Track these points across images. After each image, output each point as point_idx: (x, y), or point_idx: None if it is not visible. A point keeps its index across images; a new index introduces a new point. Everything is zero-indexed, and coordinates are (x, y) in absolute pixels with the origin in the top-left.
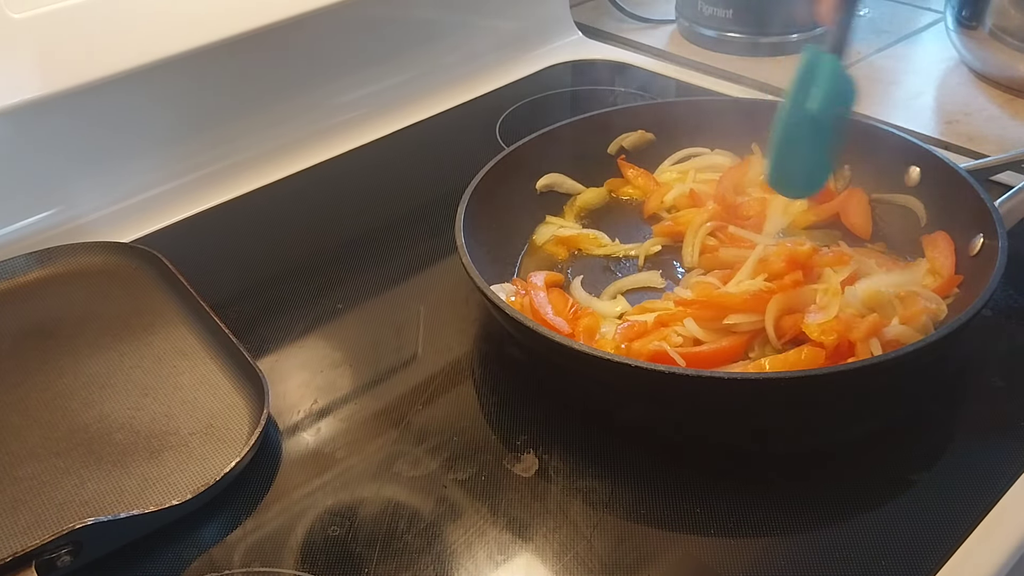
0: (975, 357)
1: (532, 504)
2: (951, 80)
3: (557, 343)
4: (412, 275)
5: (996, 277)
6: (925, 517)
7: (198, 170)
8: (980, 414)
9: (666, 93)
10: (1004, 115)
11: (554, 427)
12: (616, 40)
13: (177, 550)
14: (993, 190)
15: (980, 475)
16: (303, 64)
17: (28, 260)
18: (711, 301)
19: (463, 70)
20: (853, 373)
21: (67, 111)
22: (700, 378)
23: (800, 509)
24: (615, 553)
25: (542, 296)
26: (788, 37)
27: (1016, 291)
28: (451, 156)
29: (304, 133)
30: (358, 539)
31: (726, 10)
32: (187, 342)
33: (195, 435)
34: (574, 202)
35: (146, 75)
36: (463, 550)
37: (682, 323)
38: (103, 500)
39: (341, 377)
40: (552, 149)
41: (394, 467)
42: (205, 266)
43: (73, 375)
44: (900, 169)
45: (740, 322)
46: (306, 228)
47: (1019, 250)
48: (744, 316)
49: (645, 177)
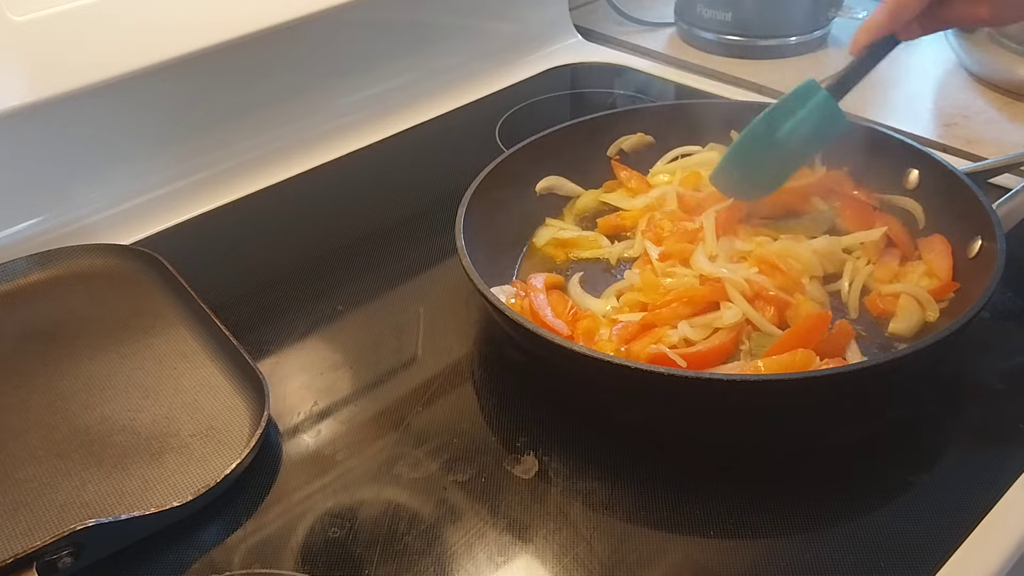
0: (974, 359)
1: (532, 506)
2: (950, 83)
3: (557, 345)
4: (412, 277)
5: (995, 280)
6: (924, 519)
7: (198, 172)
8: (979, 416)
9: (665, 96)
10: (1003, 118)
11: (554, 429)
12: (615, 43)
13: (178, 551)
14: (992, 193)
15: (979, 477)
16: (303, 67)
17: (29, 262)
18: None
19: (463, 73)
20: (853, 375)
21: (68, 114)
22: (700, 380)
23: (799, 510)
24: (615, 555)
25: (542, 298)
26: (787, 40)
27: (1015, 293)
28: (451, 159)
29: (304, 136)
30: (358, 541)
31: (725, 13)
32: (187, 344)
33: (196, 437)
34: (573, 204)
35: (147, 78)
36: (463, 552)
37: (674, 325)
38: (104, 502)
39: (341, 379)
40: (551, 152)
41: (394, 469)
42: (205, 268)
43: (73, 377)
44: (899, 172)
45: (728, 321)
46: (306, 230)
47: (1017, 253)
48: (730, 312)
49: (638, 179)
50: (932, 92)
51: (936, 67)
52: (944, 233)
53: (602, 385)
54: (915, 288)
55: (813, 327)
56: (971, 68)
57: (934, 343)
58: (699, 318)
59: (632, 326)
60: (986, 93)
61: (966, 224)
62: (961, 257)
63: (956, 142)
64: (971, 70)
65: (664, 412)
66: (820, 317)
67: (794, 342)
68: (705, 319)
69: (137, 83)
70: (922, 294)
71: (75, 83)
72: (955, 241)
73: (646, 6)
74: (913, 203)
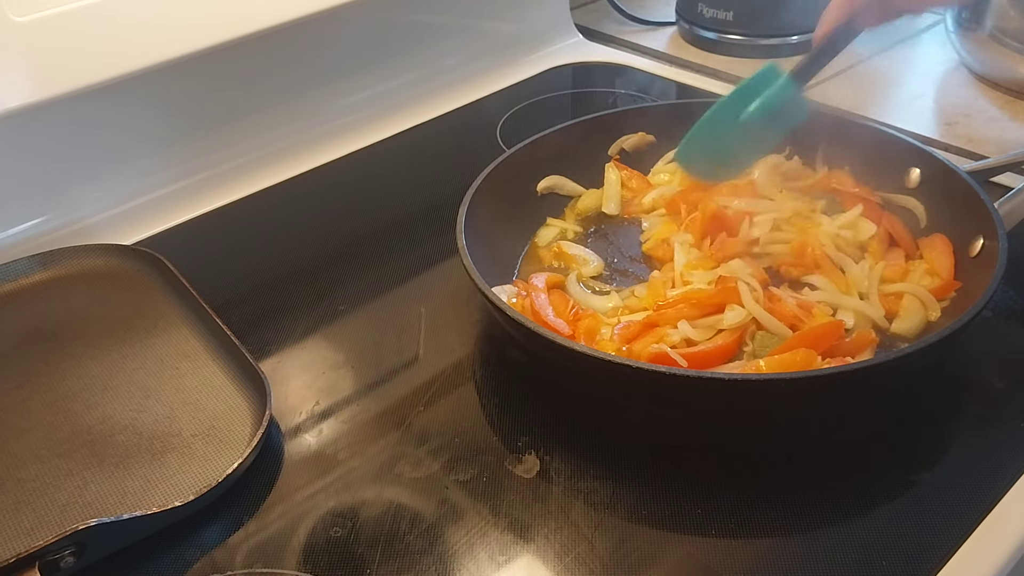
0: (975, 358)
1: (533, 505)
2: (951, 82)
3: (558, 345)
4: (414, 277)
5: (996, 278)
6: (926, 518)
7: (200, 172)
8: (980, 415)
9: (666, 95)
10: (1004, 117)
11: (555, 428)
12: (616, 42)
13: (180, 551)
14: (993, 191)
15: (980, 476)
16: (305, 67)
17: (31, 262)
18: (696, 301)
19: (464, 73)
20: (853, 374)
21: (69, 114)
22: (701, 379)
23: (801, 510)
24: (616, 554)
25: (543, 298)
26: (788, 39)
27: (1016, 292)
28: (452, 158)
29: (306, 136)
30: (360, 540)
31: (726, 12)
32: (189, 344)
33: (197, 436)
34: (575, 204)
35: (148, 78)
36: (465, 551)
37: (675, 325)
38: (106, 501)
39: (343, 379)
40: (553, 151)
41: (396, 468)
42: (207, 268)
43: (75, 377)
44: (900, 170)
45: (730, 323)
46: (308, 230)
47: (1019, 252)
48: (732, 314)
49: (638, 178)
50: (933, 91)
51: (937, 66)
52: (945, 232)
53: (603, 385)
54: (916, 288)
55: (825, 333)
56: (972, 67)
57: (935, 342)
58: (702, 320)
59: (634, 326)
60: (987, 92)
61: (967, 223)
62: (962, 256)
63: (957, 141)
64: (972, 69)
65: (665, 412)
66: (833, 324)
67: (802, 345)
68: (708, 321)
69: (138, 83)
70: (923, 293)
71: (76, 83)
72: (956, 240)
73: (647, 5)
74: (914, 202)
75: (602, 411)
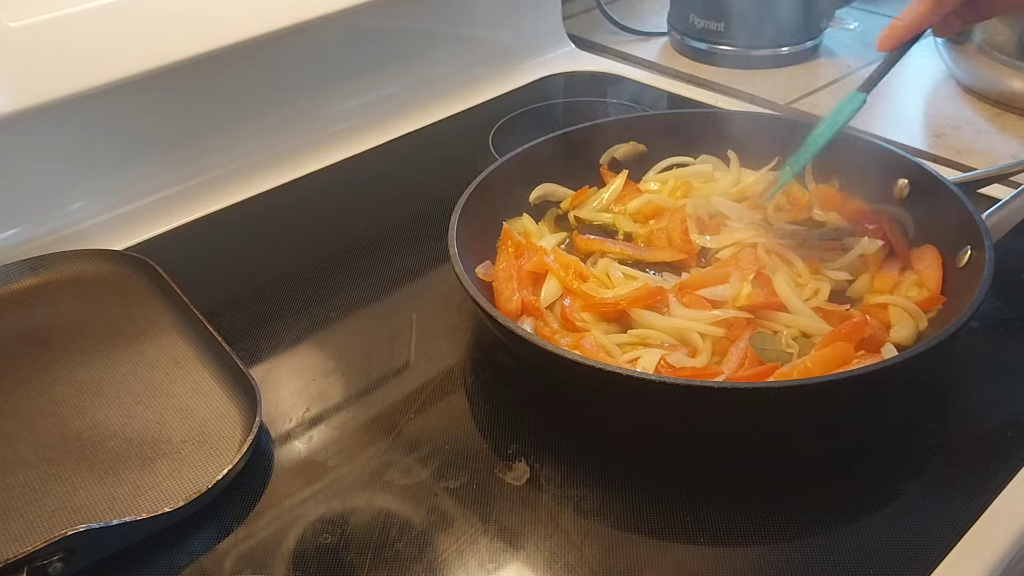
0: (962, 368)
1: (523, 512)
2: (940, 94)
3: (549, 352)
4: (405, 284)
5: (983, 289)
6: (913, 527)
7: (192, 178)
8: (967, 425)
9: (658, 105)
10: (992, 128)
11: (545, 436)
12: (608, 52)
13: (169, 557)
14: (981, 203)
15: (967, 485)
16: (296, 74)
17: (21, 267)
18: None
19: (456, 81)
20: (840, 383)
21: (62, 119)
22: (692, 387)
23: (789, 518)
24: (605, 561)
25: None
26: (779, 51)
27: (1003, 303)
28: (444, 166)
29: (298, 142)
30: (350, 547)
31: (718, 23)
32: (180, 350)
33: (187, 443)
34: (562, 205)
35: (140, 84)
36: (454, 558)
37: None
38: (95, 507)
39: (333, 385)
40: (545, 160)
41: (386, 475)
42: (198, 274)
43: (66, 382)
44: (889, 182)
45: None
46: (299, 236)
47: (1006, 262)
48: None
49: (630, 187)
50: (922, 103)
51: (926, 78)
52: (933, 243)
53: (594, 392)
54: (902, 300)
55: (855, 328)
56: (960, 79)
57: (921, 353)
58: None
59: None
60: (975, 104)
61: (955, 234)
62: (950, 267)
63: (946, 152)
64: (960, 81)
65: (656, 419)
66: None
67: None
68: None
69: (131, 88)
70: (909, 305)
71: (69, 88)
72: (944, 251)
73: (639, 16)
74: (903, 213)
75: (592, 418)
